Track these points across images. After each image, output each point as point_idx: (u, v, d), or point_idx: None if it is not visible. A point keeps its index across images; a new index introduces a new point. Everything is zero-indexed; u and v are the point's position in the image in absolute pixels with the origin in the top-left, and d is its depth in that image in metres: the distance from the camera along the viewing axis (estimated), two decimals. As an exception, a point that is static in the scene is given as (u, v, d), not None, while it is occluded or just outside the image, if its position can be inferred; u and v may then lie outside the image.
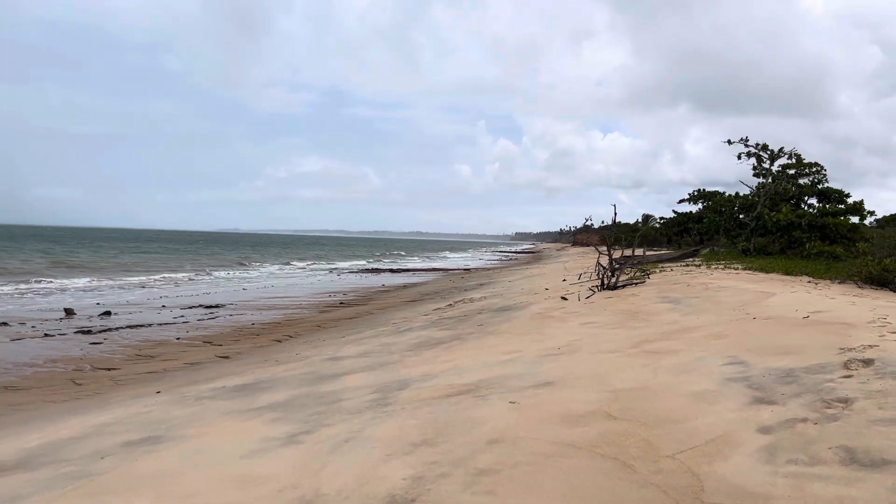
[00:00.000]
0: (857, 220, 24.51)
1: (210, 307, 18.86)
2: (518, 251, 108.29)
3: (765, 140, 26.98)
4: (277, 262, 51.14)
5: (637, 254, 19.07)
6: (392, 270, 42.59)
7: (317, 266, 47.51)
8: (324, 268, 45.15)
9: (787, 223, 23.34)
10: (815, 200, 26.15)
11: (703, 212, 33.43)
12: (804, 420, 3.58)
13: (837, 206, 24.66)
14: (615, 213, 18.49)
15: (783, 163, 26.79)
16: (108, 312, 17.03)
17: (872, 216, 27.20)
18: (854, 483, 2.80)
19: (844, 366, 4.54)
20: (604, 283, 14.16)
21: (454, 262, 59.19)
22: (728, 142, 27.44)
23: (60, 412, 7.26)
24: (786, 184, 26.25)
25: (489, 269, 44.04)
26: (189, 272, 35.83)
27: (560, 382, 5.30)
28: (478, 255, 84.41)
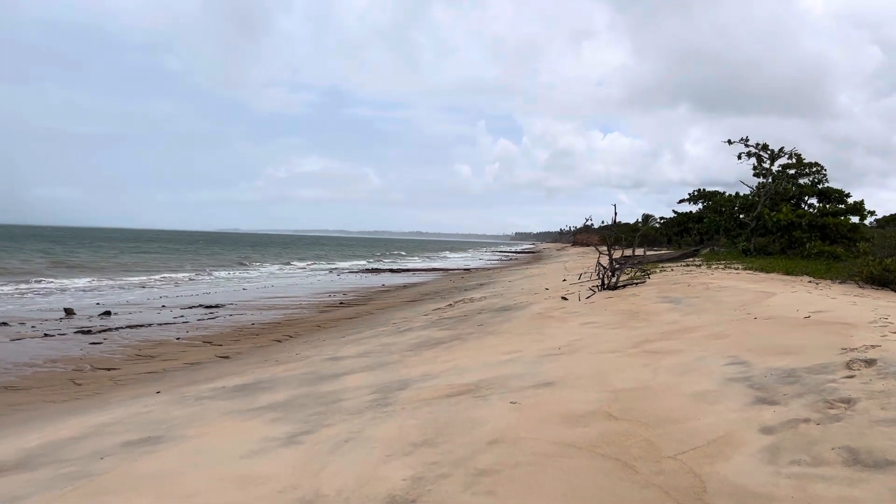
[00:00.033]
0: (858, 220, 24.50)
1: (210, 307, 18.85)
2: (518, 251, 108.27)
3: (765, 140, 27.00)
4: (277, 262, 51.13)
5: (637, 254, 19.05)
6: (392, 270, 42.57)
7: (317, 266, 47.50)
8: (324, 268, 45.15)
9: (788, 223, 23.33)
10: (816, 200, 26.14)
11: (704, 212, 33.41)
12: (806, 420, 3.56)
13: (838, 206, 24.63)
14: (615, 213, 18.51)
15: (783, 163, 26.78)
16: (108, 312, 17.02)
17: (873, 216, 27.19)
18: (857, 484, 2.79)
19: (847, 366, 4.52)
20: (604, 283, 14.15)
21: (454, 262, 59.17)
22: (728, 142, 27.44)
23: (60, 412, 7.25)
24: (786, 184, 26.23)
25: (489, 269, 44.03)
26: (189, 272, 35.82)
27: (560, 382, 5.29)
28: (478, 255, 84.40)
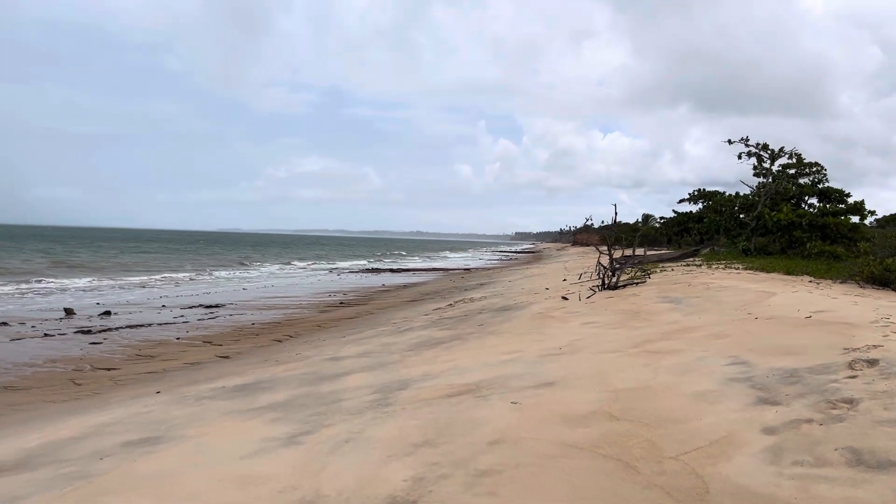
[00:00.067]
0: (858, 220, 24.48)
1: (210, 307, 18.83)
2: (518, 251, 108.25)
3: (765, 140, 26.95)
4: (278, 262, 51.12)
5: (638, 253, 19.04)
6: (392, 270, 42.56)
7: (317, 266, 47.50)
8: (324, 268, 45.14)
9: (788, 223, 23.30)
10: (816, 200, 26.10)
11: (704, 211, 33.37)
12: (809, 421, 3.54)
13: (838, 206, 24.60)
14: (616, 213, 18.49)
15: (783, 162, 26.75)
16: (108, 312, 17.00)
17: (873, 216, 27.16)
18: (860, 485, 2.77)
19: (849, 366, 4.51)
20: (604, 283, 14.13)
21: (454, 262, 59.16)
22: (728, 141, 27.40)
23: (60, 412, 7.23)
24: (786, 183, 26.19)
25: (489, 269, 44.01)
26: (189, 272, 35.81)
27: (561, 382, 5.27)
28: (478, 255, 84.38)
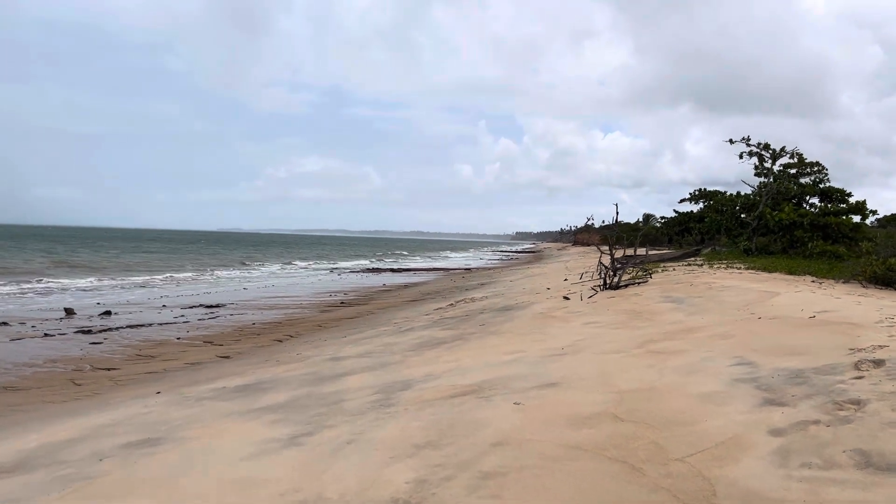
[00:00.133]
0: (860, 220, 24.42)
1: (211, 307, 18.80)
2: (519, 251, 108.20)
3: (766, 140, 26.86)
4: (279, 262, 51.10)
5: (640, 253, 18.99)
6: (393, 270, 42.55)
7: (318, 266, 47.49)
8: (325, 267, 45.13)
9: (790, 222, 23.25)
10: (817, 200, 26.05)
11: (705, 211, 33.30)
12: (816, 422, 3.50)
13: (839, 206, 24.55)
14: (617, 213, 18.42)
15: (785, 162, 26.69)
16: (109, 312, 16.97)
17: (874, 215, 27.09)
18: (871, 488, 2.73)
19: (855, 367, 4.46)
20: (606, 283, 14.09)
21: (455, 262, 59.13)
22: (730, 141, 27.33)
23: (59, 413, 7.20)
24: (787, 183, 26.13)
25: (490, 269, 43.97)
26: (191, 272, 35.79)
27: (564, 383, 5.23)
28: (478, 255, 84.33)
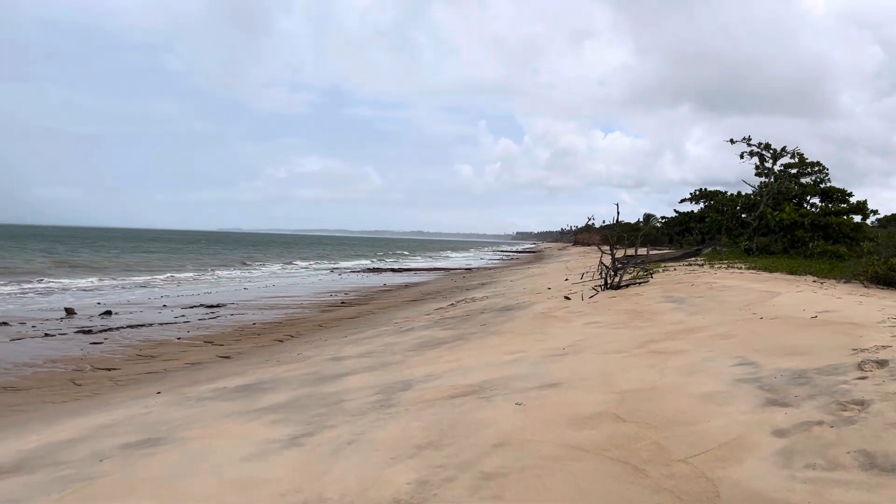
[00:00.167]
0: (861, 220, 24.39)
1: (211, 307, 18.78)
2: (519, 251, 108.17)
3: (766, 140, 26.85)
4: (280, 262, 51.09)
5: (640, 253, 18.95)
6: (393, 270, 42.54)
7: (319, 266, 47.49)
8: (326, 267, 45.14)
9: (791, 222, 23.23)
10: (818, 200, 26.03)
11: (705, 211, 33.28)
12: (820, 423, 3.48)
13: (840, 206, 24.52)
14: (618, 212, 18.34)
15: (786, 162, 26.66)
16: (109, 312, 16.95)
17: (875, 215, 27.06)
18: (875, 489, 2.71)
19: (858, 367, 4.44)
20: (607, 283, 14.06)
21: (456, 262, 59.12)
22: (731, 141, 27.30)
23: (59, 413, 7.18)
24: (788, 183, 26.11)
25: (491, 269, 43.94)
26: (191, 272, 35.78)
27: (566, 383, 5.21)
28: (479, 255, 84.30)
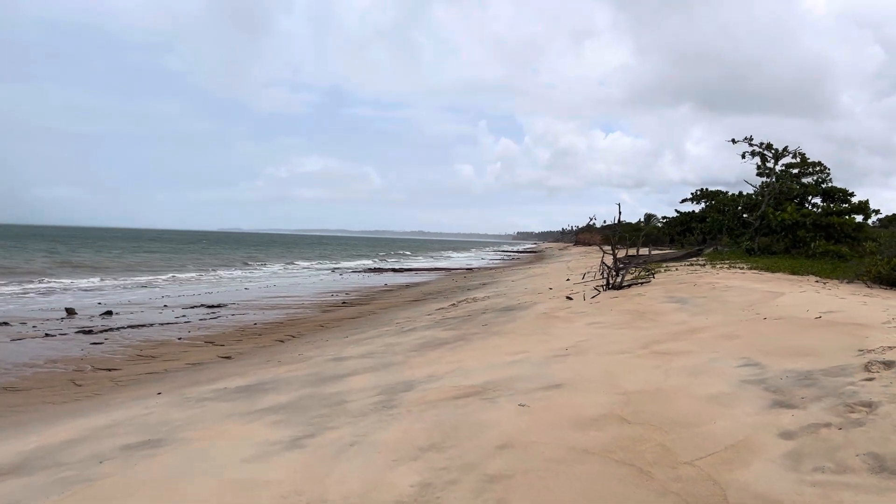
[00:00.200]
0: (862, 220, 24.35)
1: (212, 307, 18.75)
2: (520, 251, 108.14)
3: (767, 139, 26.84)
4: (281, 262, 51.07)
5: (642, 253, 18.90)
6: (395, 270, 42.52)
7: (320, 266, 47.48)
8: (327, 267, 45.13)
9: (792, 222, 23.19)
10: (820, 200, 26.00)
11: (707, 211, 33.25)
12: (828, 425, 3.44)
13: (842, 206, 24.49)
14: (619, 212, 18.28)
15: (787, 162, 26.63)
16: (110, 312, 16.92)
17: (877, 215, 27.04)
18: (886, 492, 2.67)
19: (865, 368, 4.40)
20: (609, 283, 14.02)
21: (457, 262, 59.08)
22: (732, 141, 27.27)
23: (59, 414, 7.15)
24: (790, 183, 26.07)
25: (492, 269, 43.90)
26: (193, 272, 35.76)
27: (569, 384, 5.18)
28: (480, 255, 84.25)
